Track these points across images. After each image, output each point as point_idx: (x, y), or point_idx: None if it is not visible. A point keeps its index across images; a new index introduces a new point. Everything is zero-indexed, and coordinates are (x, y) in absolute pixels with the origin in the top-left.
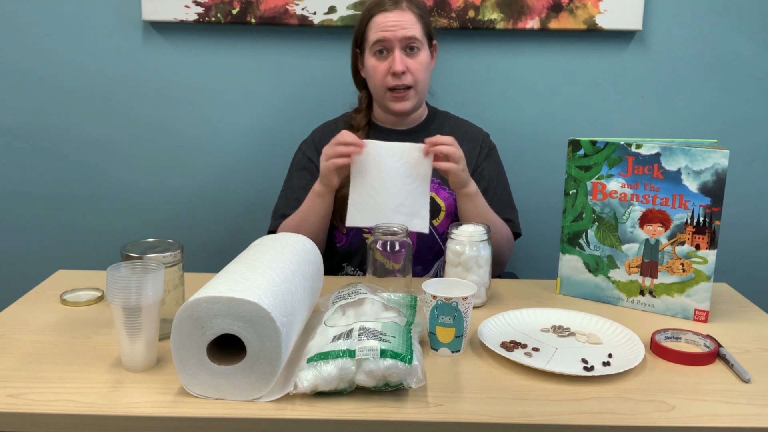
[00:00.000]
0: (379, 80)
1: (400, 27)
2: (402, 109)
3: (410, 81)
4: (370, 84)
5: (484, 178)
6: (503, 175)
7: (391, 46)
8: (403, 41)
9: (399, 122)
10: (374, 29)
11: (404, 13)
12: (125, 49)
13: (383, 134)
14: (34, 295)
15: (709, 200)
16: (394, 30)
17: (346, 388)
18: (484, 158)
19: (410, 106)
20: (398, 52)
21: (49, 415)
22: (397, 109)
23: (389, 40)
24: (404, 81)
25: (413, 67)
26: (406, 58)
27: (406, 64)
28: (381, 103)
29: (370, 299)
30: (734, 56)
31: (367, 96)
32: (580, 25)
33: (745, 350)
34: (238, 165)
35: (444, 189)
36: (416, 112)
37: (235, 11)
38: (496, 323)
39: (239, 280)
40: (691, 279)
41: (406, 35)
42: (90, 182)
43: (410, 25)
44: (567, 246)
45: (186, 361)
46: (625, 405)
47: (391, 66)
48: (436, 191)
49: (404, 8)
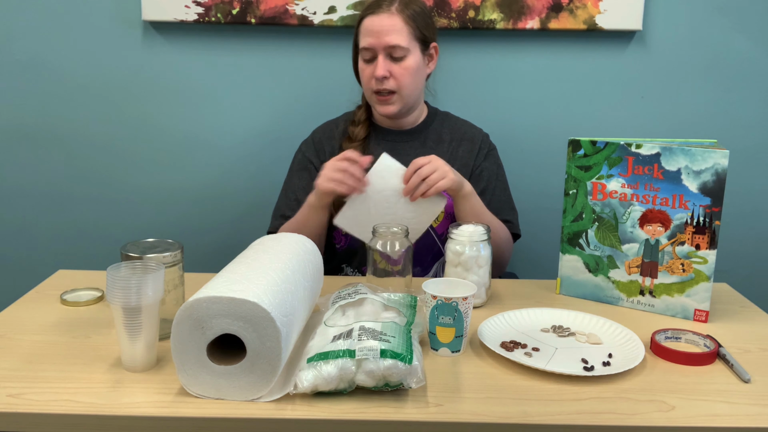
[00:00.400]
0: (365, 83)
1: (385, 33)
2: (386, 112)
3: (393, 86)
4: (362, 86)
5: (483, 178)
6: (503, 175)
7: (376, 53)
8: (386, 48)
9: (396, 123)
10: (363, 33)
11: (392, 17)
12: (125, 49)
13: (383, 134)
14: (34, 295)
15: (709, 200)
16: (378, 36)
17: (346, 388)
18: (483, 159)
19: (395, 110)
20: (381, 58)
21: (49, 415)
22: (382, 112)
23: (373, 47)
24: (386, 86)
25: (397, 72)
26: (390, 63)
27: (389, 69)
28: (371, 105)
29: (370, 299)
30: (734, 56)
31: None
32: (580, 25)
33: (745, 350)
34: (238, 165)
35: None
36: (413, 114)
37: (235, 11)
38: (496, 323)
39: (239, 280)
40: (691, 279)
41: (390, 43)
42: (90, 182)
43: (396, 30)
44: (567, 246)
45: (186, 361)
46: (625, 405)
47: (374, 70)
48: None
49: (393, 12)
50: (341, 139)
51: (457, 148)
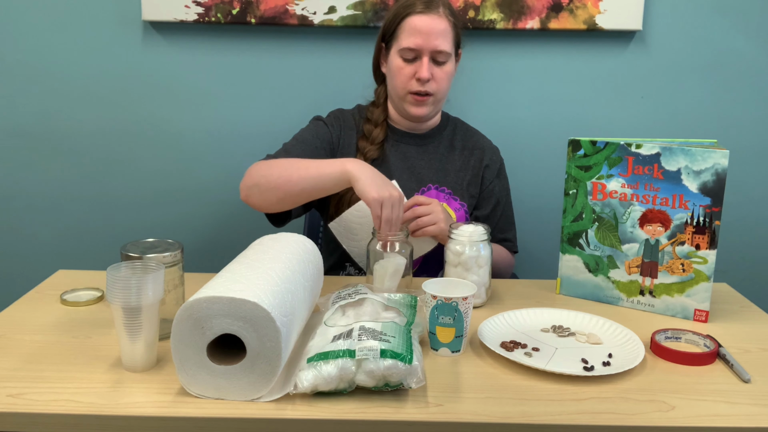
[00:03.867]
0: (401, 82)
1: (435, 36)
2: (419, 113)
3: (433, 89)
4: (391, 83)
5: (494, 195)
6: (509, 191)
7: (420, 53)
8: (433, 53)
9: (413, 125)
10: (408, 31)
11: (440, 20)
12: (125, 49)
13: (397, 136)
14: (34, 295)
15: (709, 200)
16: (427, 38)
17: (346, 388)
18: (495, 175)
19: (427, 112)
20: (426, 60)
21: (49, 415)
22: (415, 113)
23: (420, 48)
24: (427, 88)
25: (438, 76)
26: (433, 66)
27: (432, 72)
28: (398, 105)
29: (370, 299)
30: (734, 56)
31: (384, 91)
32: (580, 25)
33: (745, 350)
34: (238, 165)
35: (455, 200)
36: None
37: (235, 11)
38: (496, 323)
39: (239, 280)
40: (691, 279)
41: (438, 47)
42: (90, 182)
43: (444, 35)
44: (567, 246)
45: (186, 361)
46: (625, 405)
47: (416, 70)
48: (448, 201)
49: (440, 14)
50: (356, 132)
51: (469, 158)
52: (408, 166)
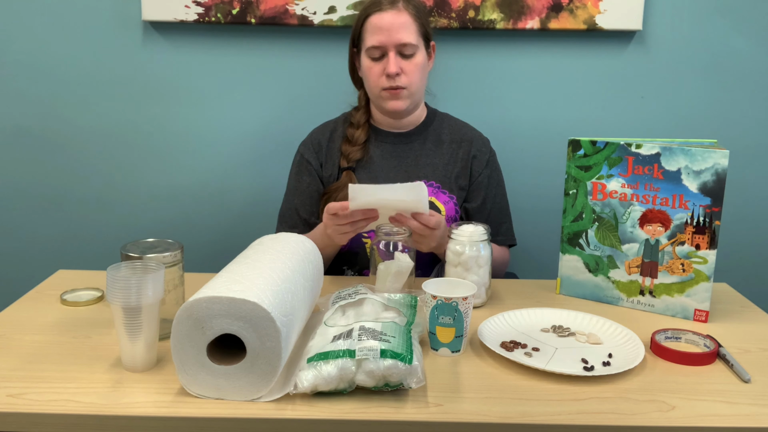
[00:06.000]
0: (374, 81)
1: (395, 30)
2: (396, 108)
3: (404, 83)
4: (367, 85)
5: (483, 186)
6: (502, 181)
7: (386, 51)
8: (397, 46)
9: (397, 124)
10: (370, 31)
11: (400, 14)
12: (125, 49)
13: (382, 136)
14: (34, 295)
15: (709, 200)
16: (388, 34)
17: (346, 388)
18: (485, 166)
19: (404, 106)
20: (392, 54)
21: (49, 415)
22: (392, 108)
23: (384, 44)
24: (398, 82)
25: (408, 69)
26: (401, 59)
27: (400, 66)
28: (377, 104)
29: (370, 299)
30: (734, 56)
31: (365, 94)
32: (580, 25)
33: (745, 350)
34: (238, 165)
35: (444, 193)
36: (414, 114)
37: (235, 11)
38: (496, 323)
39: (239, 280)
40: (691, 279)
41: (401, 41)
42: (90, 182)
43: (405, 28)
44: (567, 246)
45: (186, 361)
46: (625, 405)
47: (385, 67)
48: (436, 195)
49: (400, 8)
50: (341, 141)
51: (458, 150)
52: (394, 164)
